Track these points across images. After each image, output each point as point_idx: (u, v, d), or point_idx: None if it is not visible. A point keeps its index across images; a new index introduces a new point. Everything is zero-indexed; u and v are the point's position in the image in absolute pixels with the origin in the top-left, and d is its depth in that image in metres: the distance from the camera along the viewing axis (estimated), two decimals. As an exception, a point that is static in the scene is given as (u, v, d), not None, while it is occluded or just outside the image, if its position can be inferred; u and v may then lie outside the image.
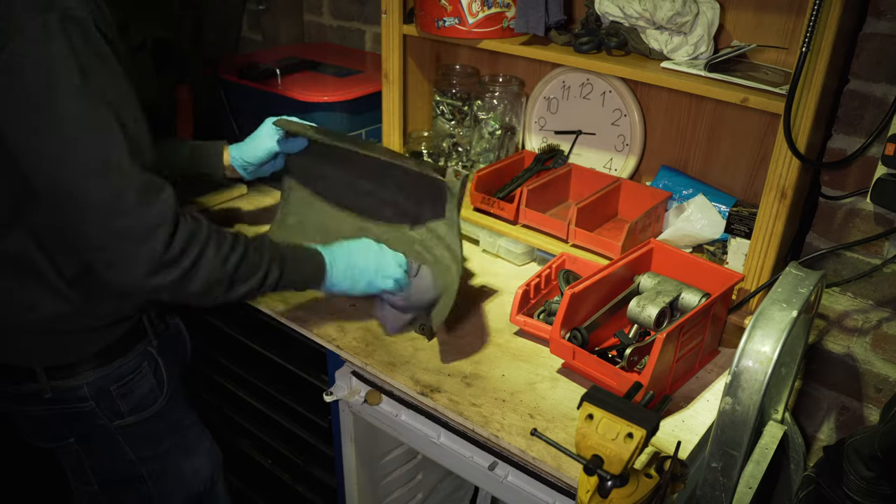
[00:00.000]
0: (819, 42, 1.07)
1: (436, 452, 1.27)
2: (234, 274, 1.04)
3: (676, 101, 1.49)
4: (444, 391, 1.17)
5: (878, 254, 1.33)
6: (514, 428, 1.10)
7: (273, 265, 1.09)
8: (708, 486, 0.99)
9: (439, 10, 1.44)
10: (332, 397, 1.35)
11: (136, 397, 1.25)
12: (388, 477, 1.63)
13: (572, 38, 1.41)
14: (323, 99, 1.68)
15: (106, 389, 1.20)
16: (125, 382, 1.22)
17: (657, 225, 1.50)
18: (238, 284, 1.05)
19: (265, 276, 1.08)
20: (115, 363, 1.20)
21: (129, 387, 1.23)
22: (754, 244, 1.24)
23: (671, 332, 1.08)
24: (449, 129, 1.76)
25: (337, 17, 2.12)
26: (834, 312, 1.40)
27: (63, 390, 1.18)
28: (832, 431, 1.47)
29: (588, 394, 0.92)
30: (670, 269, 1.29)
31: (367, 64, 1.91)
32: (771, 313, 0.93)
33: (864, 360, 1.39)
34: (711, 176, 1.51)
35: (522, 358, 1.26)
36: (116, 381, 1.21)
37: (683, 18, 1.31)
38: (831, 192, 1.34)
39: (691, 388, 1.21)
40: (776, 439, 1.22)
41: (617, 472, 0.89)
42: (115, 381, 1.21)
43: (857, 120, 1.28)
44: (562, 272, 1.35)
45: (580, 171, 1.61)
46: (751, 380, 0.90)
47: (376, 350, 1.27)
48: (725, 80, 1.23)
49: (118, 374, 1.21)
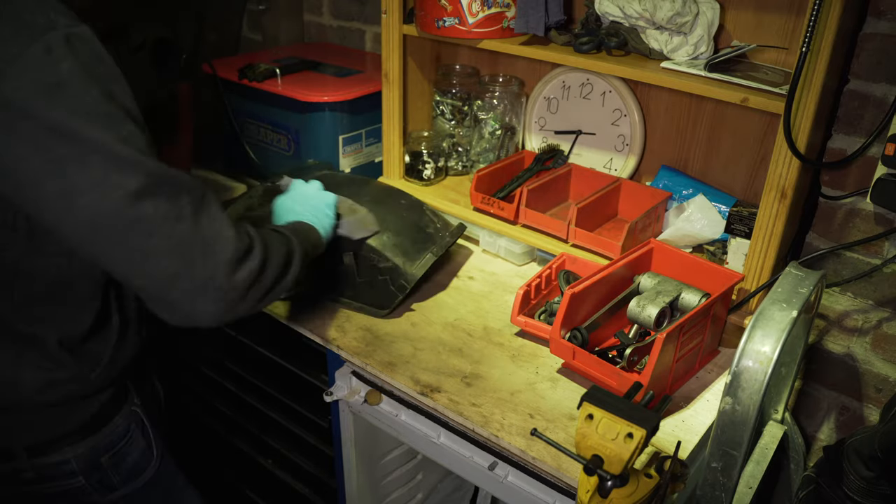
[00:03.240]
0: (819, 42, 1.07)
1: (436, 452, 1.28)
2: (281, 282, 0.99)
3: (676, 101, 1.49)
4: (444, 391, 1.17)
5: (878, 254, 1.32)
6: (514, 428, 1.10)
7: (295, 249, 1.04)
8: (708, 486, 0.99)
9: (439, 10, 1.44)
10: (332, 397, 1.35)
11: (129, 464, 1.14)
12: (388, 477, 1.63)
13: (572, 38, 1.41)
14: (323, 99, 1.68)
15: (96, 461, 1.09)
16: (117, 450, 1.11)
17: (657, 225, 1.50)
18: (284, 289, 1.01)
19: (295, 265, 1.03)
20: (104, 430, 1.09)
21: (121, 454, 1.12)
22: (754, 244, 1.24)
23: (671, 332, 1.08)
24: (449, 129, 1.76)
25: (337, 17, 2.12)
26: (834, 312, 1.40)
27: (46, 467, 1.05)
28: (832, 431, 1.47)
29: (588, 394, 0.92)
30: (670, 269, 1.29)
31: (367, 64, 1.91)
32: (771, 313, 0.93)
33: (864, 360, 1.39)
34: (711, 176, 1.51)
35: (522, 358, 1.26)
36: (107, 450, 1.10)
37: (683, 18, 1.31)
38: (831, 192, 1.34)
39: (691, 388, 1.21)
40: (776, 439, 1.22)
41: (617, 472, 0.89)
42: (106, 450, 1.10)
43: (857, 120, 1.28)
44: (562, 272, 1.35)
45: (580, 171, 1.61)
46: (751, 380, 0.90)
47: (376, 350, 1.27)
48: (725, 80, 1.23)
49: (109, 443, 1.10)
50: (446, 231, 1.46)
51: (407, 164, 1.73)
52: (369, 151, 1.83)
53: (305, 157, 1.76)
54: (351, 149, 1.77)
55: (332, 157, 1.75)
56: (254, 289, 0.92)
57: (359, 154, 1.80)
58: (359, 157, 1.81)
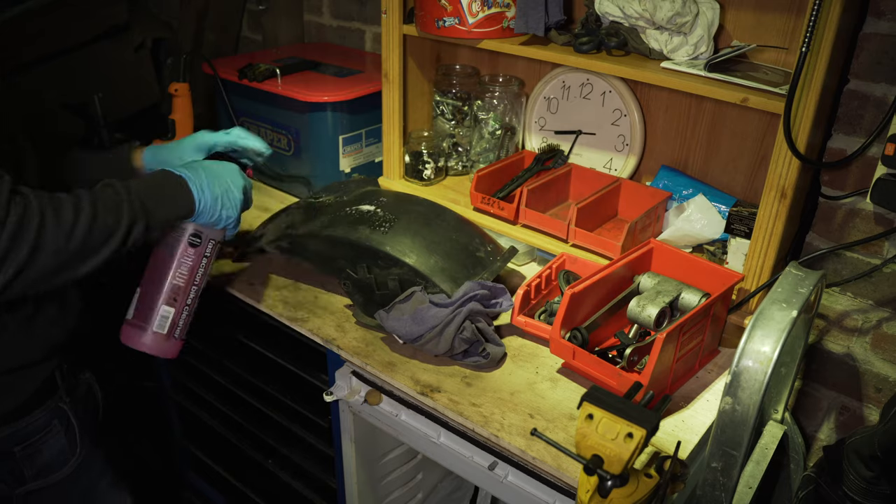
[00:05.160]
0: (819, 42, 1.07)
1: (436, 452, 1.28)
2: (84, 243, 0.90)
3: (676, 101, 1.49)
4: (443, 391, 1.17)
5: (878, 254, 1.33)
6: (514, 428, 1.10)
7: (136, 217, 0.96)
8: (708, 486, 0.99)
9: (439, 10, 1.44)
10: (332, 397, 1.35)
11: (44, 459, 1.11)
12: (388, 477, 1.63)
13: (572, 38, 1.41)
14: (323, 99, 1.68)
15: (8, 451, 1.07)
16: (31, 443, 1.09)
17: (657, 225, 1.50)
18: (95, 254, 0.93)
19: (127, 233, 0.95)
20: (22, 421, 1.07)
21: (36, 447, 1.09)
22: (754, 244, 1.24)
23: (671, 332, 1.08)
24: (449, 129, 1.76)
25: (337, 17, 2.12)
26: (834, 312, 1.40)
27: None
28: (832, 431, 1.47)
29: (588, 394, 0.93)
30: (670, 269, 1.29)
31: (367, 64, 1.91)
32: (771, 313, 0.93)
33: (864, 360, 1.39)
34: (711, 176, 1.51)
35: (522, 358, 1.26)
36: (21, 441, 1.08)
37: (683, 19, 1.31)
38: (831, 192, 1.34)
39: (691, 388, 1.21)
40: (776, 439, 1.22)
41: (617, 472, 0.89)
42: (20, 441, 1.08)
43: (857, 120, 1.28)
44: (562, 272, 1.35)
45: (580, 171, 1.61)
46: (751, 380, 0.90)
47: (376, 350, 1.27)
48: (725, 80, 1.23)
49: (24, 434, 1.08)
50: (497, 255, 1.40)
51: (407, 164, 1.73)
52: (369, 151, 1.83)
53: (305, 157, 1.76)
54: (351, 149, 1.77)
55: (332, 157, 1.75)
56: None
57: (359, 154, 1.80)
58: (359, 157, 1.81)
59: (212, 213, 1.11)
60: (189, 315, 1.19)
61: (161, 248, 1.17)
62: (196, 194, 1.08)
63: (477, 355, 1.21)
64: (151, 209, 1.00)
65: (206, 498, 2.01)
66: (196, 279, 1.18)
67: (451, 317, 1.18)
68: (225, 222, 1.15)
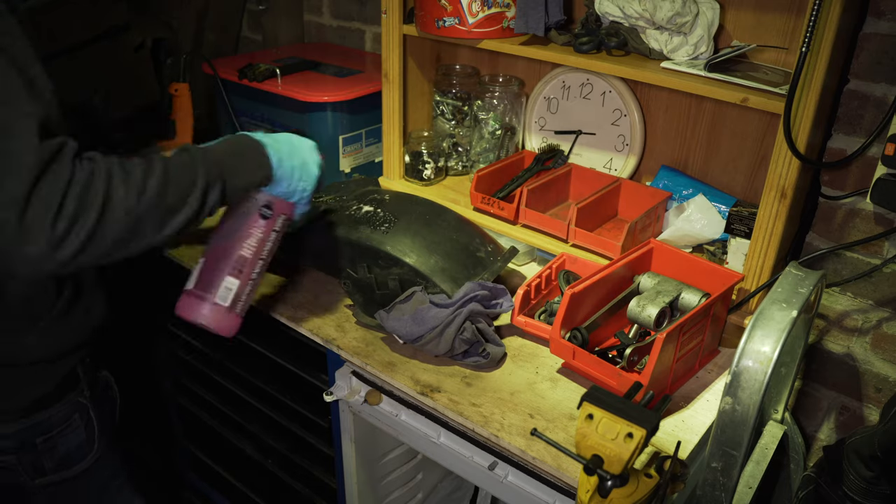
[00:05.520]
0: (819, 42, 1.07)
1: (436, 452, 1.28)
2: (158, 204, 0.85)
3: (676, 101, 1.49)
4: (443, 391, 1.17)
5: (878, 254, 1.33)
6: (514, 428, 1.10)
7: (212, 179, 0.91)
8: (708, 486, 0.99)
9: (439, 10, 1.44)
10: (332, 397, 1.35)
11: (64, 452, 1.12)
12: (388, 477, 1.63)
13: (572, 38, 1.41)
14: (323, 99, 1.68)
15: (31, 442, 1.07)
16: (52, 435, 1.09)
17: (657, 225, 1.50)
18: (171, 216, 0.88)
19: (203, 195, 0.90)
20: (44, 413, 1.08)
21: (57, 440, 1.10)
22: (754, 244, 1.24)
23: (671, 332, 1.08)
24: (449, 129, 1.76)
25: (337, 17, 2.12)
26: (834, 312, 1.40)
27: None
28: (832, 431, 1.47)
29: (588, 394, 0.92)
30: (670, 269, 1.29)
31: (367, 64, 1.91)
32: (771, 313, 0.93)
33: (864, 360, 1.39)
34: (711, 176, 1.51)
35: (522, 358, 1.26)
36: (44, 432, 1.08)
37: (683, 19, 1.31)
38: (831, 192, 1.34)
39: (691, 388, 1.21)
40: (776, 439, 1.22)
41: (617, 472, 0.89)
42: (43, 432, 1.08)
43: (857, 120, 1.28)
44: (562, 272, 1.35)
45: (580, 171, 1.61)
46: (751, 380, 0.90)
47: (376, 350, 1.27)
48: (725, 80, 1.23)
49: (47, 426, 1.08)
50: (497, 255, 1.40)
51: (407, 164, 1.73)
52: (369, 151, 1.83)
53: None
54: (351, 149, 1.77)
55: (333, 157, 1.75)
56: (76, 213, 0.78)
57: (359, 154, 1.80)
58: (359, 157, 1.81)
59: (288, 182, 1.08)
60: (252, 292, 1.13)
61: (230, 217, 1.11)
62: (274, 161, 1.04)
63: (477, 355, 1.21)
64: (228, 173, 0.95)
65: (206, 498, 2.01)
66: (263, 253, 1.12)
67: (451, 317, 1.18)
68: (299, 195, 1.11)
